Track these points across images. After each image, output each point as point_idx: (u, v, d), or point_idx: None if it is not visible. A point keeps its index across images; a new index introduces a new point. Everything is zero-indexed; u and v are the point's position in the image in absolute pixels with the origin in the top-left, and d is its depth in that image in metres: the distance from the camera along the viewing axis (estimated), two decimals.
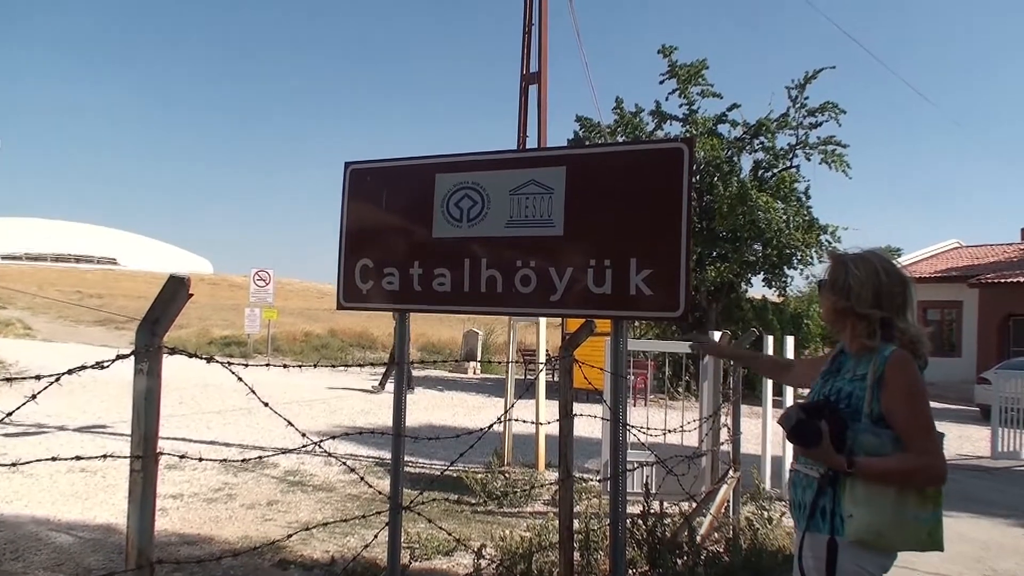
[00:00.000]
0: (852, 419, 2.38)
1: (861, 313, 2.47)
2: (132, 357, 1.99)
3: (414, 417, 13.23)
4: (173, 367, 2.23)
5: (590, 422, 4.80)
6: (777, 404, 8.68)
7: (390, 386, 16.80)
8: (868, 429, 2.34)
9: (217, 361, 2.29)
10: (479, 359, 26.19)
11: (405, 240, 4.24)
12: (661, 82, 22.18)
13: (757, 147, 22.03)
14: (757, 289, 23.36)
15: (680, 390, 14.68)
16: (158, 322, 2.01)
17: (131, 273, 69.59)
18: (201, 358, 2.25)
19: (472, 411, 15.80)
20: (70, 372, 1.94)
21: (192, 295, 2.03)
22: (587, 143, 21.80)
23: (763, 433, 8.81)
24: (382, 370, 19.95)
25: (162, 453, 2.05)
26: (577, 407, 4.05)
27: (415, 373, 21.54)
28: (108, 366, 1.95)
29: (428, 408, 15.78)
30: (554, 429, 4.02)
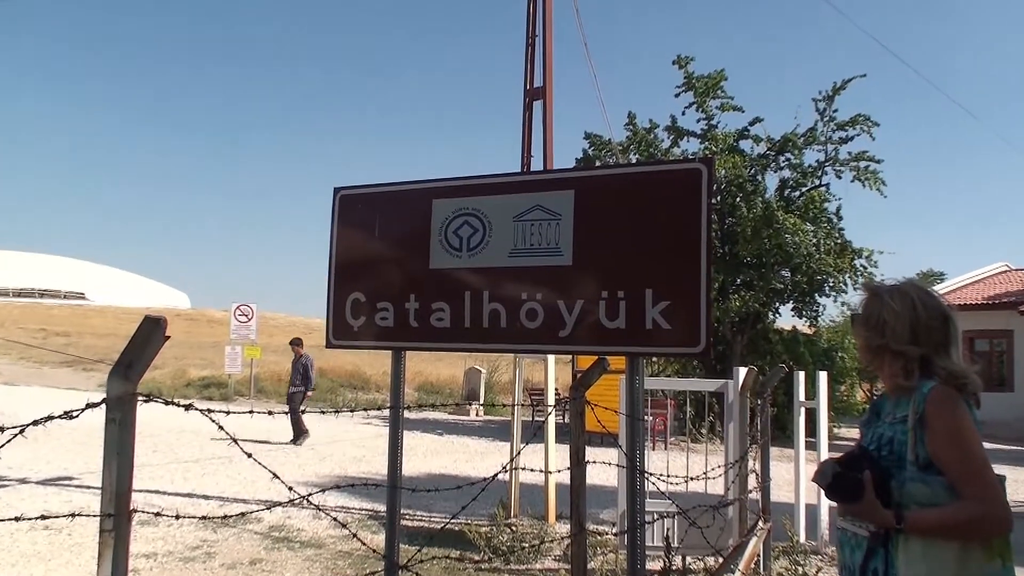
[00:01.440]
0: (897, 467, 2.33)
1: (896, 350, 2.44)
2: (103, 406, 2.00)
3: (411, 465, 13.17)
4: (147, 411, 2.24)
5: (604, 469, 4.77)
6: (810, 446, 8.64)
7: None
8: (916, 477, 2.28)
9: (196, 409, 2.29)
10: (482, 400, 26.12)
11: (400, 272, 4.26)
12: (677, 95, 22.34)
13: (783, 164, 22.11)
14: (786, 319, 23.33)
15: (703, 432, 14.64)
16: (131, 367, 2.02)
17: (101, 308, 69.79)
18: (179, 406, 2.26)
19: (475, 457, 15.73)
20: (36, 423, 1.95)
21: (169, 337, 2.04)
22: (597, 163, 21.90)
23: (796, 479, 8.74)
24: (375, 413, 19.89)
25: (136, 511, 2.05)
26: (590, 452, 4.03)
27: (411, 416, 21.45)
28: (77, 416, 1.96)
29: (426, 455, 15.71)
30: (565, 477, 4.00)
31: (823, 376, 8.73)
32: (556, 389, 12.24)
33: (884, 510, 2.28)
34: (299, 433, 16.57)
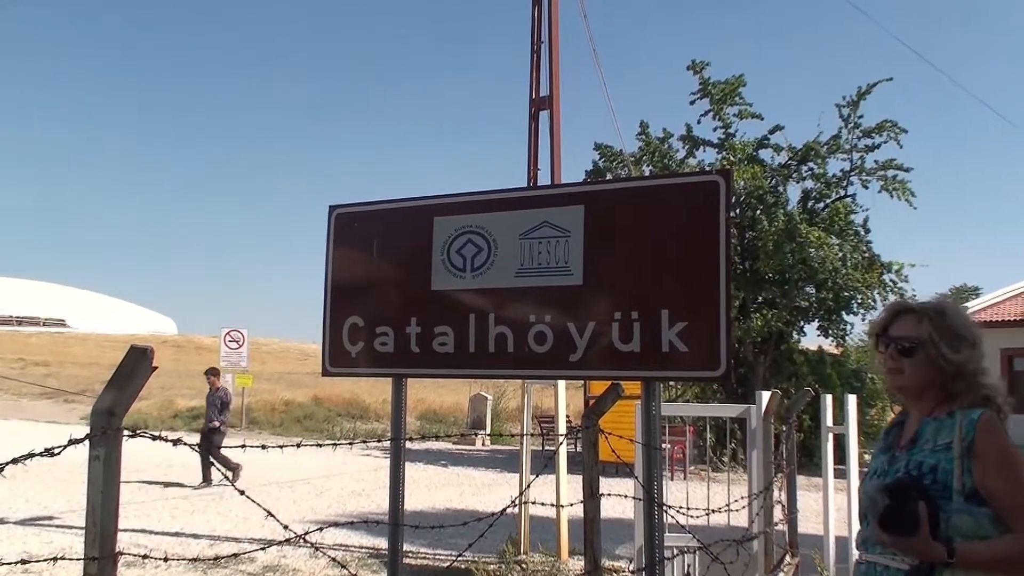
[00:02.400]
0: (942, 498, 2.32)
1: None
2: (86, 441, 2.00)
3: (415, 498, 13.13)
4: (132, 445, 2.25)
5: (620, 502, 4.77)
6: (839, 474, 8.59)
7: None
8: (962, 509, 2.29)
9: (185, 444, 2.30)
10: (488, 429, 26.05)
11: (400, 294, 4.26)
12: (692, 103, 22.40)
13: (805, 174, 22.13)
14: (811, 339, 23.24)
15: (725, 460, 14.55)
16: (116, 401, 2.02)
17: (82, 336, 69.96)
18: (166, 441, 2.26)
19: (481, 490, 15.68)
20: (15, 461, 1.95)
21: (156, 368, 2.05)
22: (608, 176, 21.95)
23: (825, 509, 8.68)
24: (375, 444, 19.83)
25: (121, 553, 2.05)
26: (605, 484, 4.02)
27: (413, 447, 21.38)
28: (59, 452, 1.96)
29: (431, 487, 15.67)
30: (578, 511, 3.98)
31: (852, 399, 8.68)
32: (567, 417, 12.19)
33: (935, 544, 2.26)
34: (206, 471, 14.75)
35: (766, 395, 7.04)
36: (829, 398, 8.84)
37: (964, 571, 2.24)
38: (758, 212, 21.16)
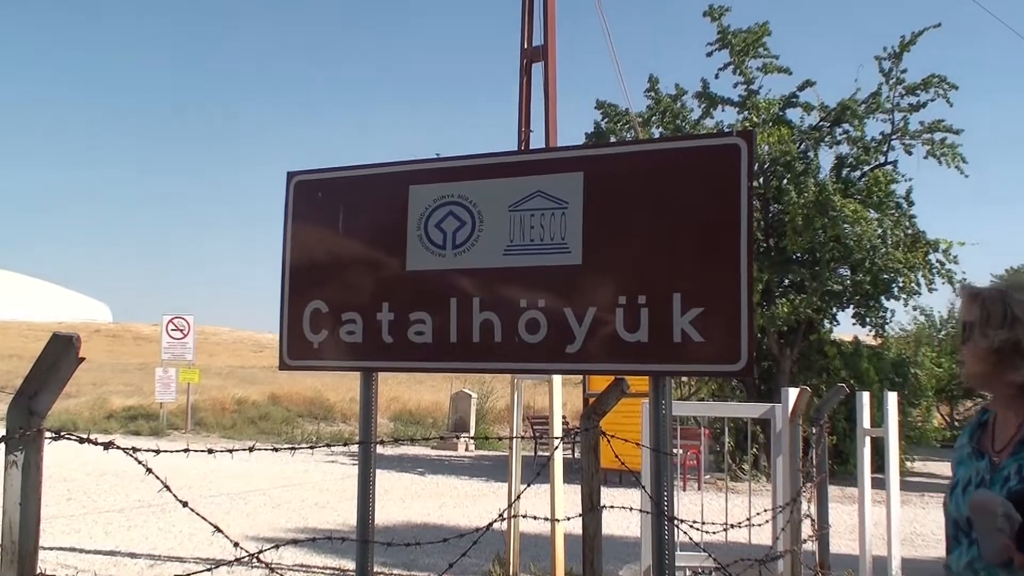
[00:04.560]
0: None
1: None
2: (1, 445, 1.99)
3: (387, 512, 13.15)
4: (59, 450, 2.23)
5: (624, 515, 4.78)
6: (877, 484, 8.63)
7: None
8: None
9: (118, 448, 2.29)
10: (472, 431, 26.09)
11: (370, 275, 4.25)
12: (709, 54, 22.24)
13: (840, 138, 22.06)
14: (845, 328, 23.28)
15: (745, 468, 14.62)
16: (37, 397, 2.01)
17: (1, 324, 69.78)
18: (96, 443, 2.25)
19: (465, 502, 15.72)
20: None
21: (83, 359, 2.03)
22: (612, 138, 21.89)
23: (861, 524, 8.73)
24: (342, 449, 19.87)
25: (44, 575, 2.04)
26: (607, 494, 4.02)
27: (385, 452, 21.42)
28: None
29: (405, 499, 15.69)
30: (576, 525, 3.98)
31: (892, 397, 8.71)
32: (564, 417, 12.21)
33: None
34: None
35: (793, 393, 7.05)
36: (866, 396, 8.87)
37: None
38: (785, 181, 21.11)
